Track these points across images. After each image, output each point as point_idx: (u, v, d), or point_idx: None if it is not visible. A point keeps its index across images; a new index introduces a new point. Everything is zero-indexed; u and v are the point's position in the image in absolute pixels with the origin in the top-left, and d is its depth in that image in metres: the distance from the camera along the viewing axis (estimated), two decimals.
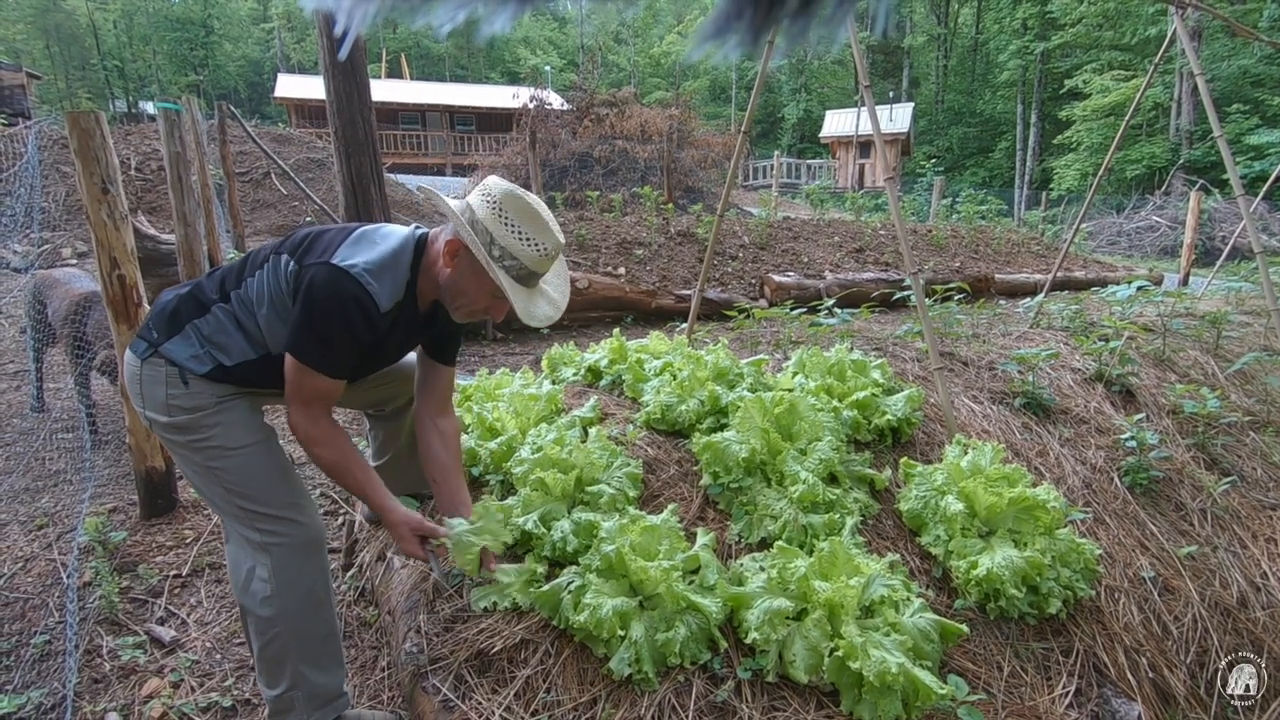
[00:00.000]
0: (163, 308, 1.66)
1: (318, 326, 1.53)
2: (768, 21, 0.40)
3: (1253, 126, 18.95)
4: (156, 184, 10.55)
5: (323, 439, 1.61)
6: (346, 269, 1.53)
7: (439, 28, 0.46)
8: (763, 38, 0.41)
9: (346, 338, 1.55)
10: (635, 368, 2.86)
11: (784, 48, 0.49)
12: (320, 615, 1.71)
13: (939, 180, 15.31)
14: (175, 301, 1.66)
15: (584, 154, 16.12)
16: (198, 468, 1.65)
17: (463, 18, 0.44)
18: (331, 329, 1.53)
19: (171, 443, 1.66)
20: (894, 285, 7.18)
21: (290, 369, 1.56)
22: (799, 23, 0.40)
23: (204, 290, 1.66)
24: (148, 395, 1.62)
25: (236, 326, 1.62)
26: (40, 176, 5.29)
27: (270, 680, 1.70)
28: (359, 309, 1.54)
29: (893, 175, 3.02)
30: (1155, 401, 3.33)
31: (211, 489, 1.66)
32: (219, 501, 1.66)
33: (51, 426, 3.85)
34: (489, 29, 0.45)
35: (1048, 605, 2.07)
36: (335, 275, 1.52)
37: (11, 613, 2.33)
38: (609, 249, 7.43)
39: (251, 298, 1.62)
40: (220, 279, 1.67)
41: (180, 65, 42.64)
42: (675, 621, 1.76)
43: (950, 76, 36.69)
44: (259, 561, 1.65)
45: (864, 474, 2.42)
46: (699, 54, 0.43)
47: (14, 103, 18.39)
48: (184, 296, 1.66)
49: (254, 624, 1.68)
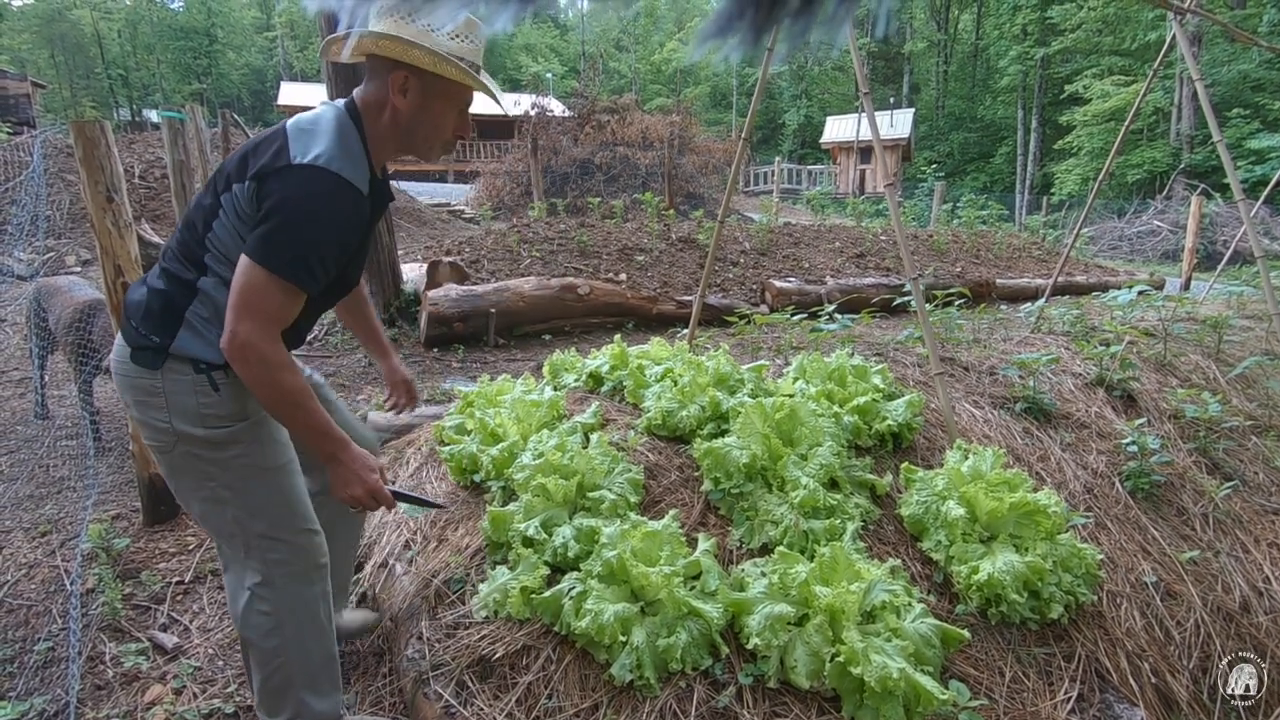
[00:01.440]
0: (143, 307, 1.49)
1: (301, 232, 1.36)
2: (769, 21, 0.41)
3: (1253, 131, 18.96)
4: (160, 192, 10.60)
5: (286, 363, 1.40)
6: (320, 165, 1.37)
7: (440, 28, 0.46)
8: (764, 37, 0.41)
9: (333, 241, 1.41)
10: (636, 374, 2.87)
11: (785, 49, 0.49)
12: (322, 642, 1.66)
13: (940, 185, 15.35)
14: (156, 297, 1.48)
15: (585, 160, 16.17)
16: (218, 488, 1.53)
17: (463, 17, 0.44)
18: (317, 233, 1.37)
19: (197, 459, 1.51)
20: (895, 290, 7.19)
21: (251, 284, 1.35)
22: (800, 23, 0.41)
23: (176, 273, 1.49)
24: (176, 407, 1.48)
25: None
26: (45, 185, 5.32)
27: (271, 709, 1.65)
28: (347, 202, 1.41)
29: (892, 182, 3.03)
30: (1156, 406, 3.33)
31: (223, 512, 1.54)
32: (227, 527, 1.55)
33: (55, 434, 3.87)
34: (489, 28, 0.45)
35: (1049, 610, 2.07)
36: (310, 174, 1.36)
37: (15, 619, 2.34)
38: (610, 255, 7.45)
39: (227, 251, 1.45)
40: (181, 252, 1.50)
41: (184, 73, 42.94)
42: (677, 627, 1.77)
43: (951, 82, 36.80)
44: (260, 593, 1.57)
45: (865, 479, 2.42)
46: (700, 54, 0.43)
47: (19, 111, 18.51)
48: (160, 290, 1.48)
49: (256, 655, 1.62)
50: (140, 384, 1.50)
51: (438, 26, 1.40)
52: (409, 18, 1.40)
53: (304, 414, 1.45)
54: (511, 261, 7.02)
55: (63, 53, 39.45)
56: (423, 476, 2.54)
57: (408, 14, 1.40)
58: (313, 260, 1.39)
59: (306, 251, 1.38)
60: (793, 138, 37.47)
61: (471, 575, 2.05)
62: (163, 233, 8.44)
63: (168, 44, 42.33)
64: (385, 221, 6.01)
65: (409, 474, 2.59)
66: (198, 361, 1.47)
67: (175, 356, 1.47)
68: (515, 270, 6.79)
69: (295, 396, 1.43)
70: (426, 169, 24.81)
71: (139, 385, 1.50)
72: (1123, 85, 22.08)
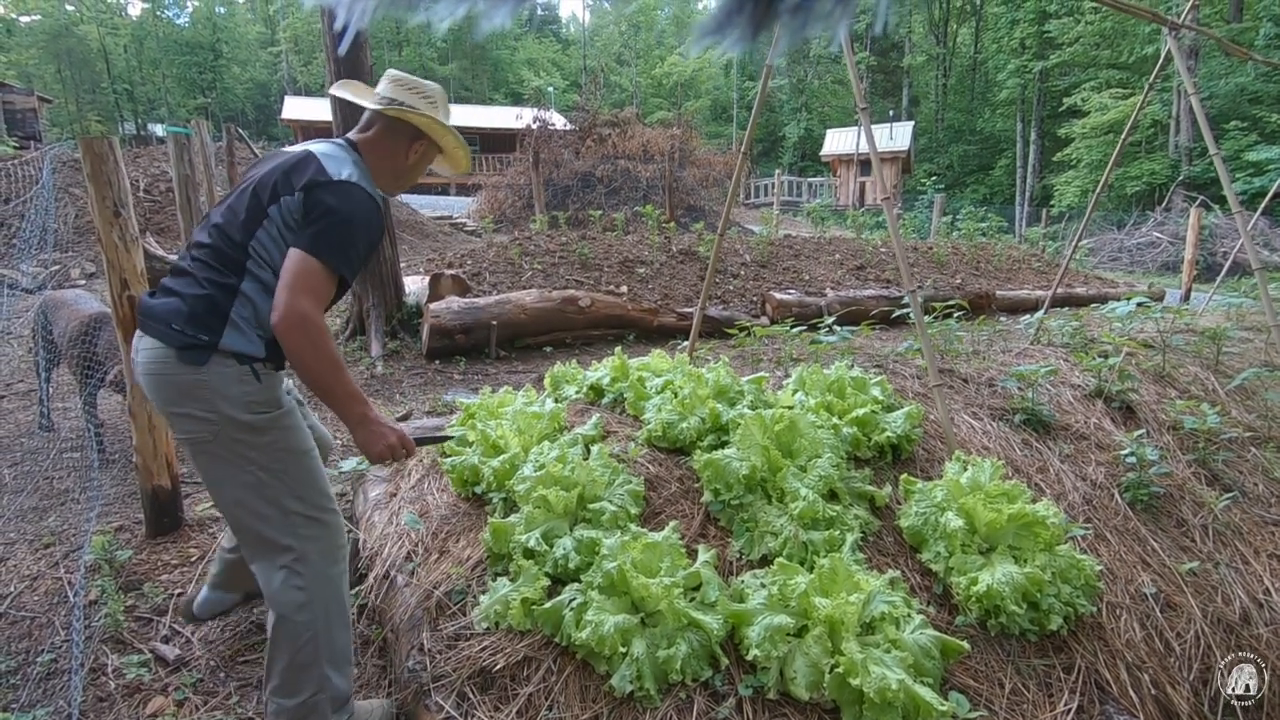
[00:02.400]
0: (184, 311, 1.64)
1: (345, 230, 1.65)
2: (767, 17, 0.41)
3: (1251, 143, 19.03)
4: (165, 205, 10.68)
5: (326, 330, 1.63)
6: (354, 182, 1.69)
7: (438, 23, 0.47)
8: (762, 33, 0.42)
9: (366, 240, 1.71)
10: (637, 385, 2.89)
11: (784, 45, 0.50)
12: (344, 618, 1.80)
13: (939, 197, 15.42)
14: (200, 301, 1.64)
15: (587, 173, 16.27)
16: (257, 470, 1.68)
17: (463, 12, 0.45)
18: (355, 232, 1.67)
19: (239, 444, 1.66)
20: (894, 302, 7.22)
21: (306, 269, 1.60)
22: (797, 19, 0.41)
23: (215, 279, 1.66)
24: (224, 395, 1.63)
25: (269, 295, 1.64)
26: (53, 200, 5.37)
27: (292, 689, 1.73)
28: (374, 210, 1.73)
29: (889, 196, 3.06)
30: (1155, 417, 3.34)
31: (261, 493, 1.68)
32: (264, 508, 1.69)
33: (59, 446, 3.88)
34: (488, 24, 0.46)
35: (1049, 622, 2.07)
36: (349, 188, 1.67)
37: (18, 631, 2.35)
38: (611, 267, 7.49)
39: (269, 257, 1.66)
40: (218, 260, 1.67)
41: (189, 88, 43.32)
42: (677, 638, 1.77)
43: (950, 95, 37.02)
44: (295, 569, 1.71)
45: (864, 490, 2.43)
46: (699, 49, 0.44)
47: (26, 126, 18.68)
48: (204, 295, 1.65)
49: (287, 632, 1.71)
50: (183, 380, 1.64)
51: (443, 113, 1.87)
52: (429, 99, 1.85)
53: (344, 377, 1.67)
54: (513, 274, 7.06)
55: (69, 67, 39.82)
56: (424, 488, 2.55)
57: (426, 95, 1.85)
58: (351, 252, 1.68)
59: (347, 245, 1.66)
60: (793, 150, 37.67)
61: (473, 587, 2.06)
62: (166, 246, 8.49)
63: (173, 59, 42.74)
64: (388, 234, 6.05)
65: (411, 485, 2.60)
66: (241, 355, 1.66)
67: (222, 352, 1.64)
68: (517, 283, 6.83)
69: (339, 361, 1.65)
70: (428, 182, 24.94)
71: (182, 382, 1.64)
72: (1121, 98, 22.20)
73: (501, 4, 0.45)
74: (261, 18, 50.12)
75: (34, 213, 3.59)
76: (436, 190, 24.47)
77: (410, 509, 2.44)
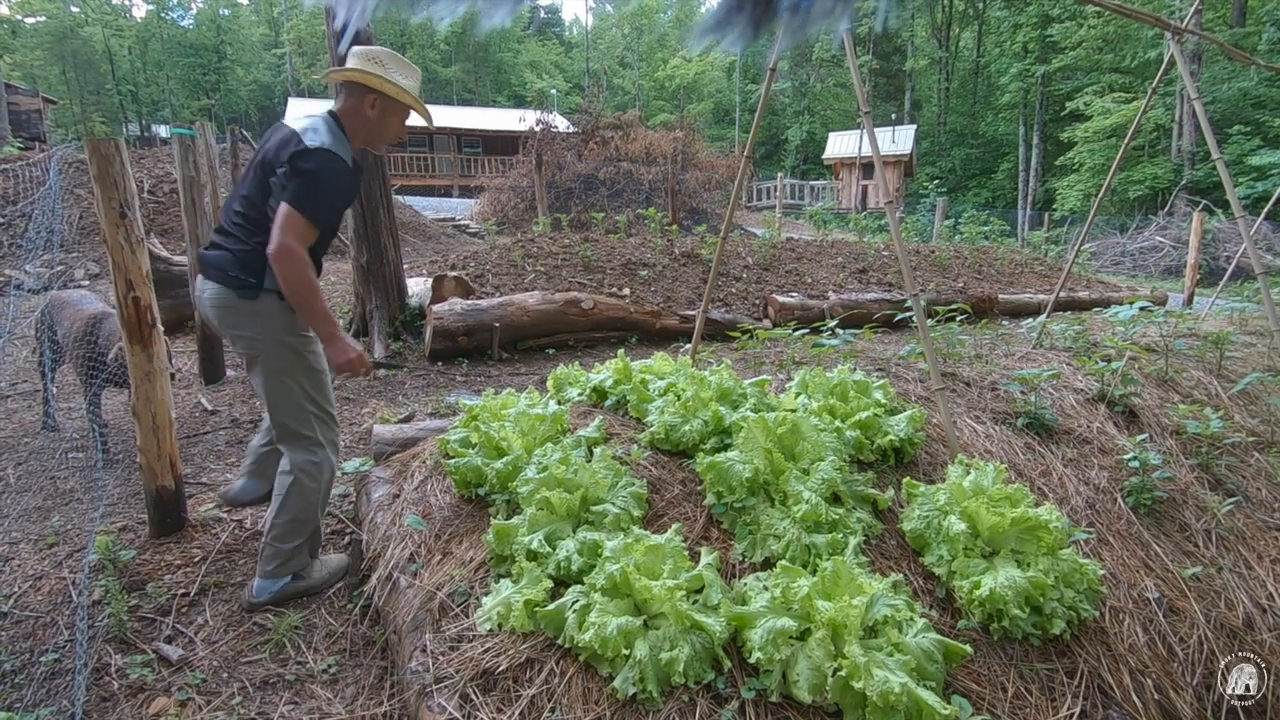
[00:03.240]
0: (237, 261, 2.14)
1: (318, 187, 2.06)
2: (768, 15, 0.42)
3: (1254, 148, 19.01)
4: (169, 206, 10.70)
5: (308, 262, 2.08)
6: (325, 147, 2.07)
7: (439, 21, 0.48)
8: (763, 31, 0.42)
9: (336, 192, 2.12)
10: (640, 388, 2.89)
11: (785, 44, 0.50)
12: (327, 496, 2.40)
13: (942, 201, 15.43)
14: (248, 254, 2.14)
15: (589, 176, 16.30)
16: (296, 373, 2.23)
17: (463, 10, 0.45)
18: (328, 187, 2.09)
19: (286, 351, 2.21)
20: (897, 306, 7.22)
21: (289, 216, 2.03)
22: (798, 17, 0.41)
23: (253, 236, 2.14)
24: (275, 323, 2.18)
25: None
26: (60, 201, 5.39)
27: (290, 536, 2.31)
28: (344, 169, 2.14)
29: (892, 200, 3.06)
30: (1158, 422, 3.34)
31: (293, 391, 2.24)
32: (303, 402, 2.25)
33: (63, 446, 3.89)
34: (488, 23, 0.47)
35: (1051, 626, 2.07)
36: (320, 153, 2.07)
37: (22, 630, 2.35)
38: (614, 270, 7.50)
39: None
40: (252, 222, 2.15)
41: (193, 90, 43.47)
42: (679, 641, 1.77)
43: (952, 99, 37.03)
44: (316, 454, 2.30)
45: (867, 494, 2.43)
46: (699, 47, 0.45)
47: (30, 127, 18.76)
48: (250, 249, 2.14)
49: (299, 492, 2.27)
50: (243, 308, 2.18)
51: (392, 73, 2.24)
52: (374, 60, 2.21)
53: (319, 299, 2.13)
54: (516, 276, 7.07)
55: (74, 69, 39.95)
56: (427, 489, 2.56)
57: (372, 58, 2.21)
58: (323, 201, 2.10)
59: (319, 197, 2.08)
60: (795, 154, 37.69)
61: (475, 588, 2.07)
62: (171, 247, 8.50)
63: (177, 60, 42.90)
64: (391, 236, 6.07)
65: (414, 486, 2.61)
66: (279, 292, 2.15)
67: (268, 290, 2.17)
68: (519, 285, 6.84)
69: (315, 285, 2.13)
70: (432, 184, 25.04)
71: (242, 310, 2.18)
72: (1123, 102, 22.19)
73: (501, 2, 0.46)
74: (265, 20, 50.28)
75: (40, 214, 3.61)
76: (439, 192, 24.52)
77: (413, 510, 2.45)
